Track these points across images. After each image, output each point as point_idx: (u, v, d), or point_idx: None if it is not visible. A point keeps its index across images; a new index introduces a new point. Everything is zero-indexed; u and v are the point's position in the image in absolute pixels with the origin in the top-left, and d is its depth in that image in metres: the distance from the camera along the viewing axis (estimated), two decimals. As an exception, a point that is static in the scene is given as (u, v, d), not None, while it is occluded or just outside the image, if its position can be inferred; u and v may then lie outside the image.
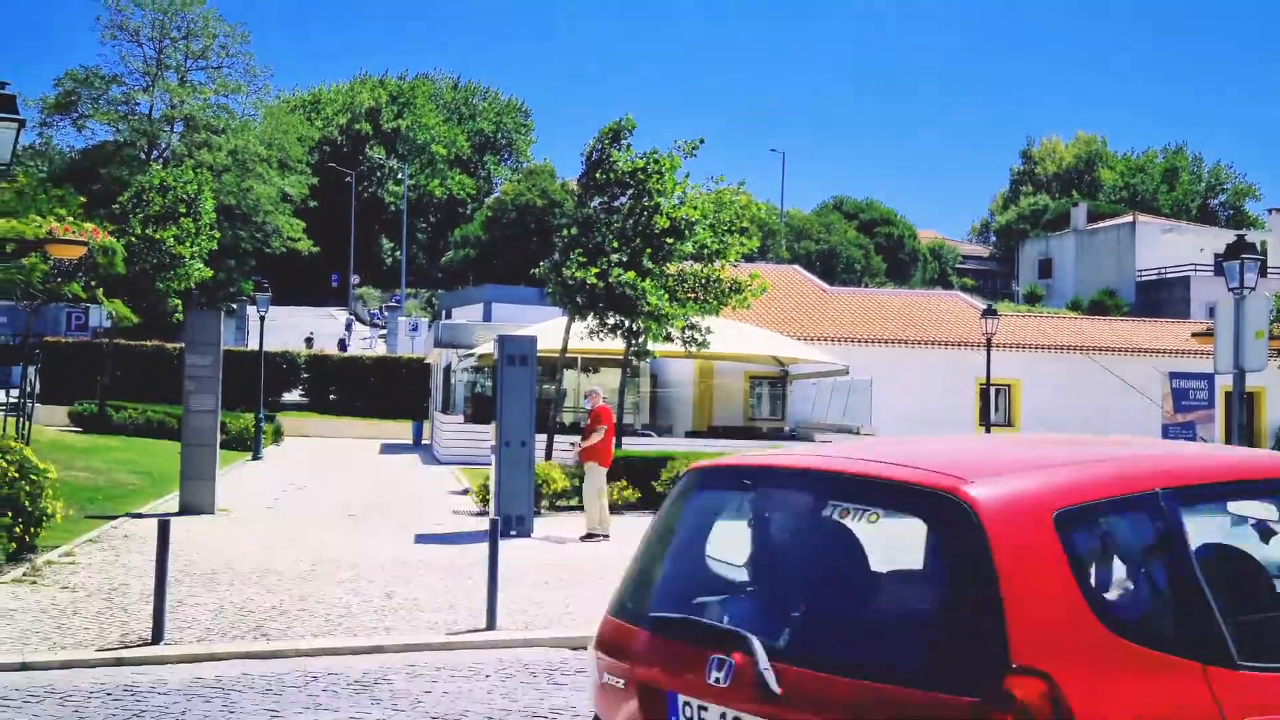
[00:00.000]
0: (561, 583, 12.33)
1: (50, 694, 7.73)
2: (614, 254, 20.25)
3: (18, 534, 12.26)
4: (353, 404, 42.98)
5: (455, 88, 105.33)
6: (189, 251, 28.01)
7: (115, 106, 60.92)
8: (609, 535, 16.06)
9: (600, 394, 17.35)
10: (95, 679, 8.15)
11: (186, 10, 61.35)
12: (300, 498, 20.56)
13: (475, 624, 10.05)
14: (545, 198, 72.42)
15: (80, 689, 7.87)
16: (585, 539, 15.87)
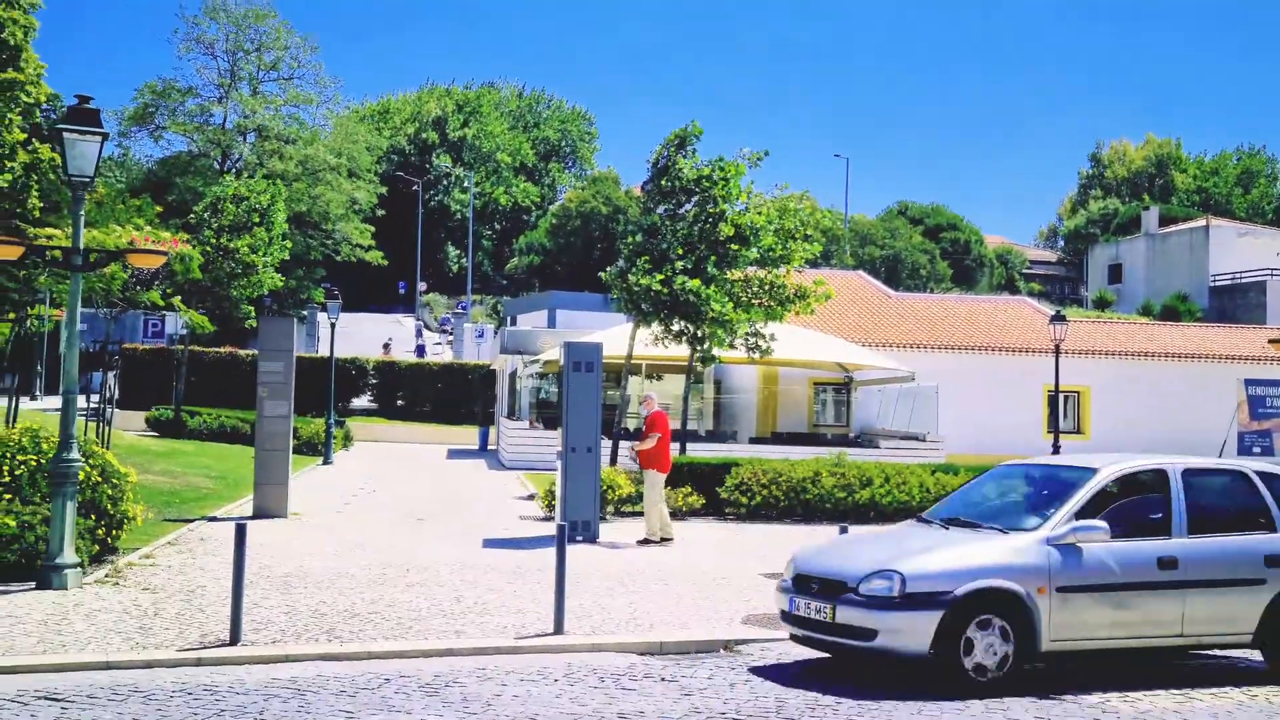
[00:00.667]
0: (625, 588, 12.42)
1: (134, 692, 7.97)
2: (679, 261, 20.32)
3: (100, 536, 12.63)
4: (420, 409, 43.47)
5: (520, 96, 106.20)
6: (262, 260, 28.56)
7: (191, 118, 62.31)
8: (671, 539, 16.16)
9: (655, 400, 17.46)
10: (176, 678, 8.39)
11: (259, 23, 62.60)
12: (370, 502, 20.87)
13: (543, 628, 10.17)
14: (609, 205, 72.71)
15: (162, 688, 8.10)
16: (641, 544, 15.97)
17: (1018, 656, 8.59)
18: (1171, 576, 9.02)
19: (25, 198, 36.47)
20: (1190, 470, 9.74)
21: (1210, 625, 9.18)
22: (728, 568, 14.08)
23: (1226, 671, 9.88)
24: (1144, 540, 9.19)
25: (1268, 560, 9.36)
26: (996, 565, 8.68)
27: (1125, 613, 8.92)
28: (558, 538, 10.60)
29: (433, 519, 18.45)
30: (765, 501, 19.25)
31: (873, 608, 8.53)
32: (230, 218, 28.39)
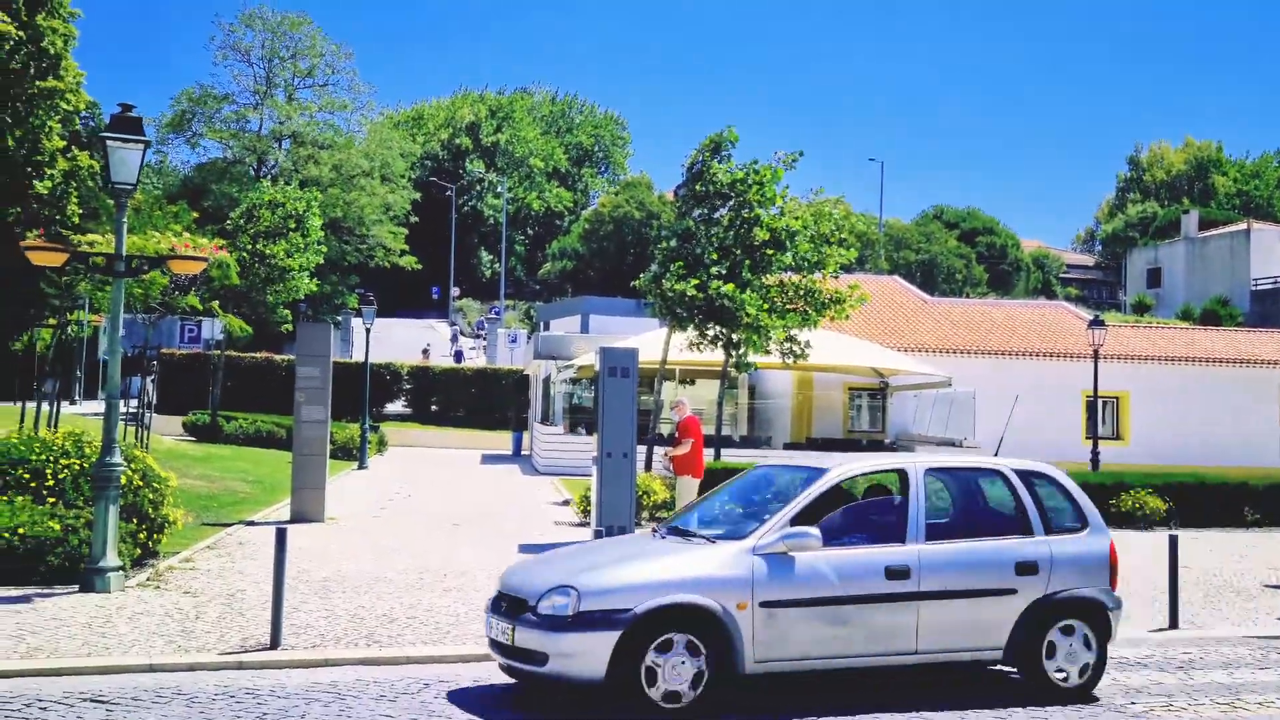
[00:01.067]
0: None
1: (177, 695, 8.02)
2: (714, 266, 20.29)
3: (141, 540, 12.73)
4: (454, 414, 43.63)
5: (553, 101, 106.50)
6: (297, 265, 28.78)
7: (227, 124, 62.93)
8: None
9: (687, 405, 17.42)
10: (218, 681, 8.44)
11: (294, 30, 63.16)
12: (405, 507, 20.94)
13: (580, 634, 10.14)
14: (642, 210, 72.76)
15: (205, 691, 8.15)
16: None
17: (715, 680, 7.69)
18: (903, 588, 8.18)
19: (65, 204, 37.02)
20: (936, 470, 9.04)
21: (952, 640, 8.34)
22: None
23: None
24: (873, 548, 8.36)
25: (1019, 568, 8.53)
26: (689, 579, 7.80)
27: (845, 629, 8.05)
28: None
29: (468, 524, 18.49)
30: (801, 507, 19.11)
31: (546, 628, 7.66)
32: (266, 224, 28.63)
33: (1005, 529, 8.85)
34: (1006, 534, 8.78)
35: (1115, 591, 8.93)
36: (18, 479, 12.51)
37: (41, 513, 11.86)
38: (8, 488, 12.42)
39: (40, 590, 11.23)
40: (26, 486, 12.48)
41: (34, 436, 13.37)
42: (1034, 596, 8.54)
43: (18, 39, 33.53)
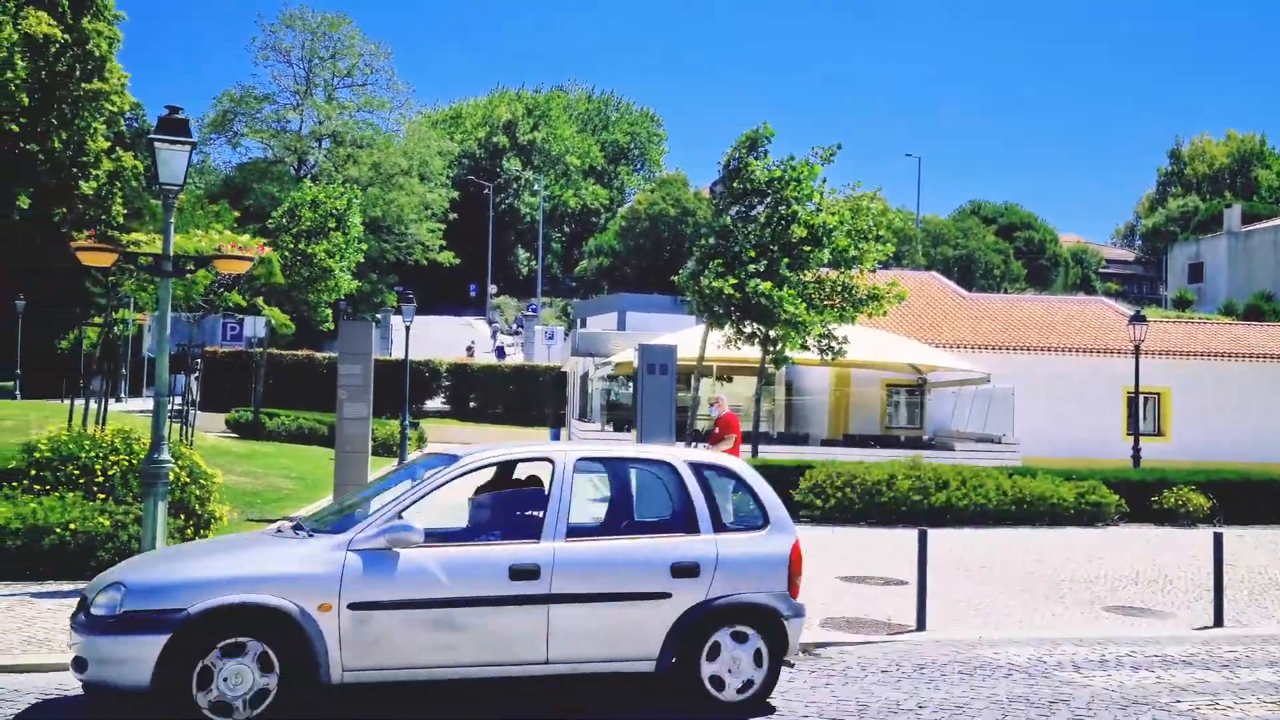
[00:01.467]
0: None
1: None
2: (751, 264, 20.31)
3: (189, 536, 12.92)
4: (492, 411, 43.88)
5: (589, 99, 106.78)
6: (338, 264, 29.07)
7: (268, 124, 63.59)
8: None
9: (725, 401, 17.50)
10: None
11: (334, 30, 63.72)
12: (444, 502, 21.04)
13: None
14: (678, 206, 72.83)
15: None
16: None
17: (288, 691, 6.87)
18: (530, 589, 7.35)
19: (110, 204, 37.57)
20: (592, 460, 8.27)
21: (592, 649, 7.49)
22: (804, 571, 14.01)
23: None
24: (499, 545, 7.62)
25: (676, 569, 7.67)
26: (263, 576, 6.95)
27: (457, 635, 7.21)
28: (636, 540, 10.61)
29: (508, 520, 18.57)
30: (840, 504, 19.16)
31: (88, 630, 6.82)
32: (307, 223, 28.93)
33: (668, 526, 8.07)
34: (669, 532, 7.96)
35: (797, 598, 8.12)
36: (69, 475, 12.76)
37: (92, 509, 12.07)
38: (59, 484, 12.66)
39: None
40: (77, 483, 12.73)
41: (84, 434, 13.60)
42: (692, 601, 7.68)
43: (63, 42, 34.07)
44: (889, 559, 15.14)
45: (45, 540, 11.54)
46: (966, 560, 15.33)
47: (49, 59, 33.98)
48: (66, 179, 35.66)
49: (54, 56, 34.04)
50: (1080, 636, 10.77)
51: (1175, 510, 20.45)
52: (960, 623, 11.16)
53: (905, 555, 15.15)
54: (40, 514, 11.71)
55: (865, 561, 14.95)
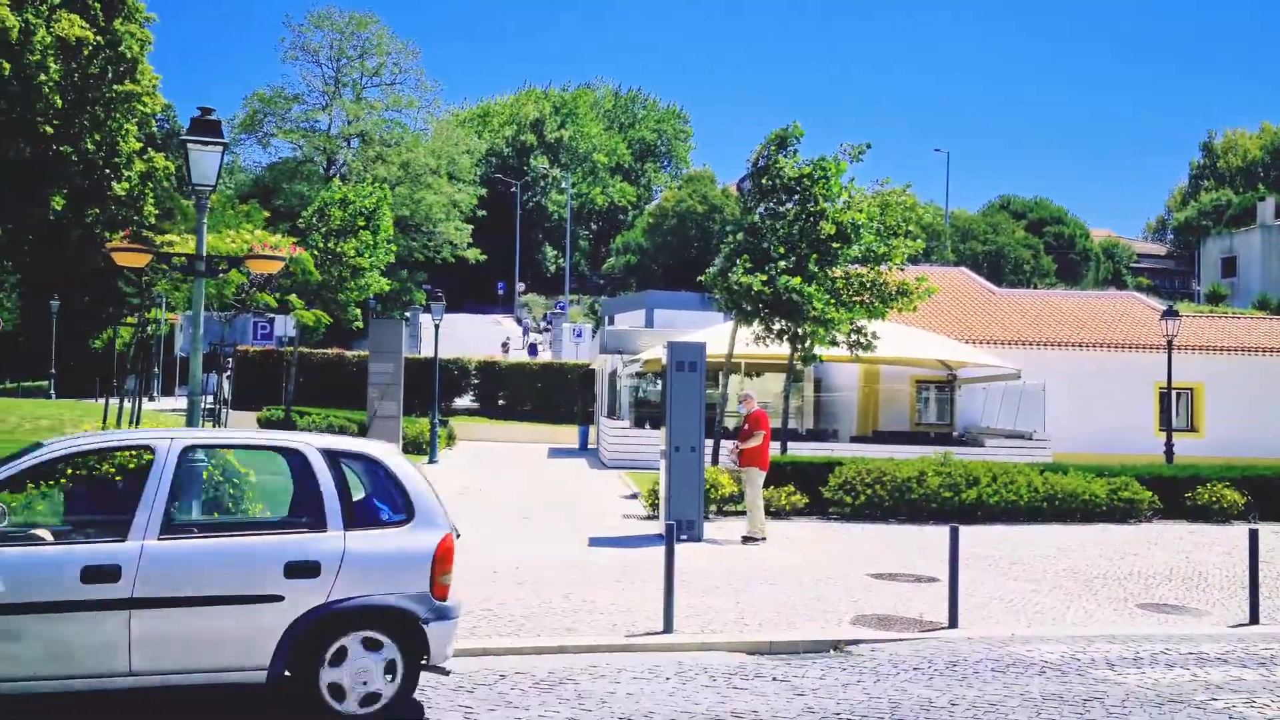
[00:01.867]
0: (732, 587, 12.45)
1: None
2: (780, 260, 20.28)
3: (222, 533, 13.04)
4: (521, 409, 44.02)
5: (616, 96, 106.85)
6: (368, 263, 29.22)
7: (297, 124, 64.02)
8: (765, 538, 16.22)
9: (754, 398, 17.50)
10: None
11: (362, 30, 64.07)
12: (476, 500, 21.19)
13: (653, 627, 10.25)
14: (706, 203, 72.76)
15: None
16: (745, 542, 16.08)
17: None
18: (108, 593, 6.61)
19: (141, 204, 37.92)
20: (204, 448, 7.52)
21: (186, 659, 6.77)
22: (833, 567, 14.02)
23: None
24: (74, 545, 6.89)
25: (291, 569, 6.95)
26: None
27: (17, 644, 6.49)
28: (665, 537, 10.65)
29: (538, 517, 18.68)
30: (870, 501, 19.12)
31: None
32: (337, 222, 29.10)
33: (290, 522, 7.46)
34: (292, 527, 7.30)
35: (445, 599, 7.47)
36: (105, 475, 12.87)
37: (127, 507, 12.18)
38: (95, 483, 12.79)
39: (128, 582, 11.55)
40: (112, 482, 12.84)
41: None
42: (309, 605, 6.97)
43: (96, 44, 34.38)
44: (919, 556, 15.10)
45: (82, 538, 11.64)
46: (998, 557, 15.26)
47: (81, 61, 34.31)
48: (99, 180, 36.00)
49: (86, 59, 34.36)
50: (1114, 634, 10.70)
51: (1209, 507, 20.28)
52: (993, 620, 11.12)
53: (936, 552, 15.12)
54: (77, 512, 11.82)
55: (895, 558, 14.92)
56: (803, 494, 19.46)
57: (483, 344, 57.62)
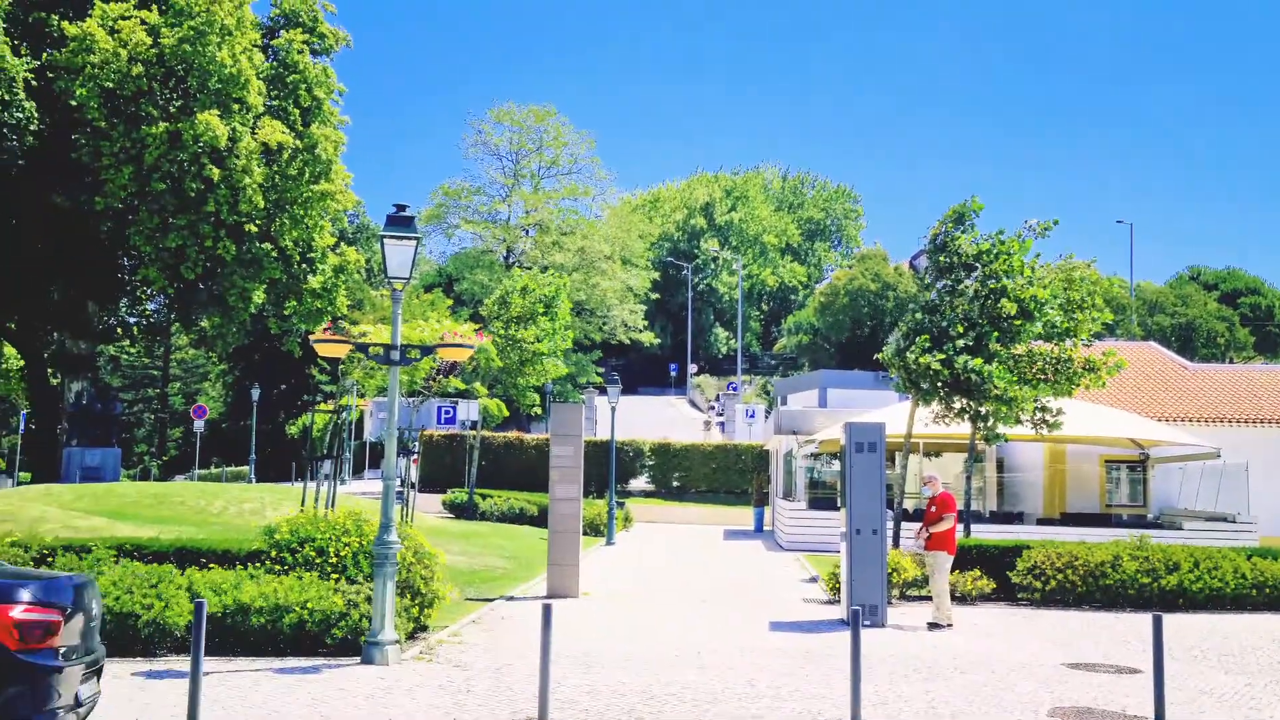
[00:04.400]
0: (920, 675, 12.13)
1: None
2: (959, 339, 19.94)
3: (414, 614, 13.46)
4: (695, 490, 44.11)
5: (784, 179, 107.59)
6: (547, 349, 29.98)
7: (479, 216, 66.64)
8: (951, 624, 15.76)
9: (939, 480, 17.14)
10: (493, 752, 8.79)
11: (540, 123, 66.50)
12: (655, 583, 21.26)
13: (839, 715, 10.07)
14: (878, 281, 72.08)
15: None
16: (931, 628, 15.67)
17: None
18: None
19: (334, 296, 39.81)
20: None
21: None
22: (1025, 655, 13.51)
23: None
24: None
25: None
26: None
27: None
28: (850, 623, 10.48)
29: (716, 600, 18.61)
30: (1060, 586, 18.38)
31: None
32: (518, 310, 30.00)
33: None
34: None
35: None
36: (306, 557, 13.50)
37: (326, 588, 12.72)
38: (297, 565, 13.41)
39: (327, 661, 12.03)
40: (312, 563, 13.45)
41: (318, 516, 14.37)
42: None
43: (295, 148, 36.56)
44: (1117, 645, 14.42)
45: (285, 619, 12.21)
46: (1205, 648, 14.44)
47: (281, 164, 36.51)
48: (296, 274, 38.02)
49: (286, 161, 36.55)
50: (1339, 733, 9.99)
51: None
52: (1204, 716, 10.52)
53: (1134, 641, 14.43)
54: (281, 593, 12.41)
55: (1091, 647, 14.27)
56: (989, 579, 18.85)
57: (658, 426, 58.00)
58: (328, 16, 41.46)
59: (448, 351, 13.68)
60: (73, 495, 25.36)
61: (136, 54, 33.90)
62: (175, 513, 23.50)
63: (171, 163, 33.67)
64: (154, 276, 35.83)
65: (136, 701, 10.08)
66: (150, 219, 34.27)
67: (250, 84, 35.30)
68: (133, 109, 34.25)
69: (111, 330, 46.45)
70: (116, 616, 12.00)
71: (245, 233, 35.52)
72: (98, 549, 13.40)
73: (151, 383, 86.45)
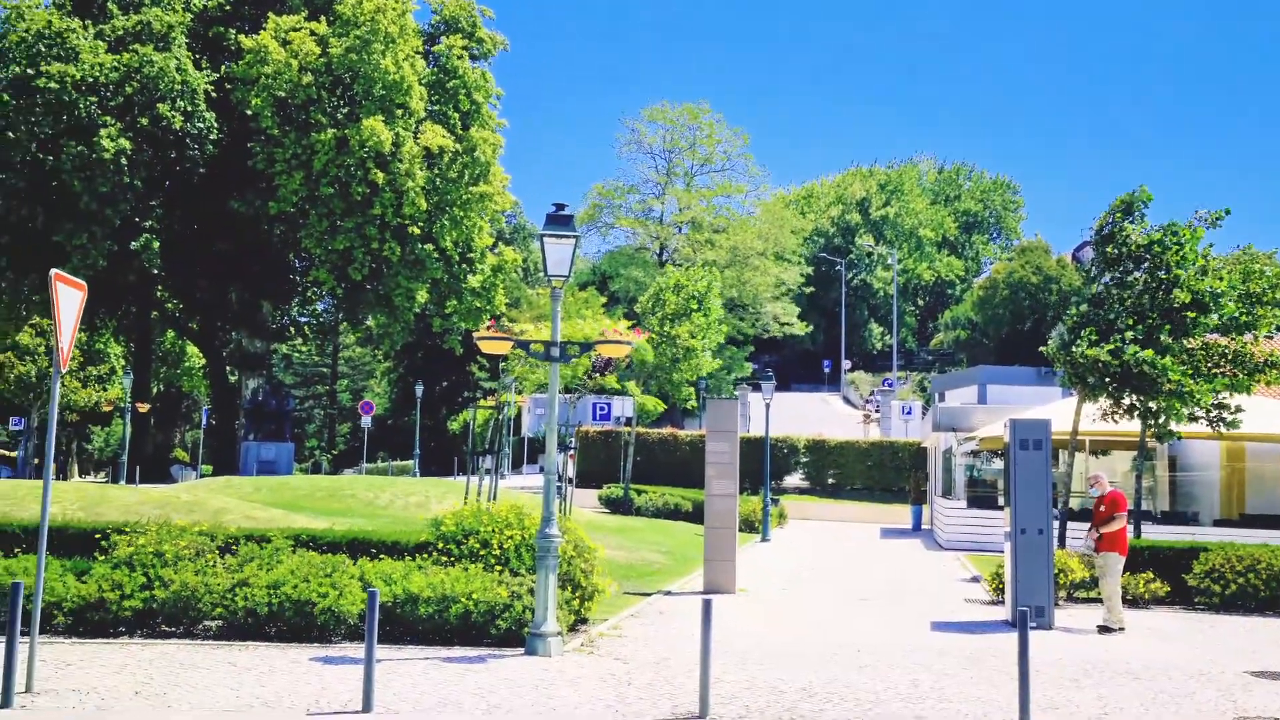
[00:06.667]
0: (1091, 680, 11.76)
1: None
2: (1128, 331, 19.24)
3: (575, 607, 13.70)
4: (850, 487, 43.64)
5: (939, 171, 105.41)
6: (700, 345, 30.09)
7: (633, 214, 67.29)
8: (1123, 628, 15.22)
9: (1105, 479, 16.57)
10: (655, 744, 8.90)
11: (693, 121, 66.72)
12: (811, 580, 21.13)
13: (1007, 718, 9.85)
14: (1039, 274, 70.03)
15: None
16: (1101, 631, 15.18)
17: None
18: None
19: (493, 295, 40.78)
20: None
21: None
22: (1204, 662, 12.96)
23: None
24: None
25: None
26: None
27: None
28: (1017, 624, 10.25)
29: (875, 598, 18.39)
30: (1242, 591, 17.54)
31: None
32: (672, 306, 30.19)
33: None
34: None
35: None
36: (470, 549, 13.88)
37: (491, 580, 13.05)
38: (462, 556, 13.81)
39: (491, 652, 12.34)
40: (477, 555, 13.82)
41: (482, 509, 14.74)
42: None
43: (455, 151, 37.59)
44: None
45: (452, 610, 12.57)
46: (1402, 659, 13.61)
47: (442, 167, 37.59)
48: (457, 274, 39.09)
49: (446, 165, 37.62)
50: None
51: None
52: (1401, 730, 9.93)
53: (1326, 651, 13.70)
54: (448, 584, 12.78)
55: (1277, 655, 13.60)
56: (1162, 581, 18.13)
57: (810, 423, 57.50)
58: (485, 21, 42.52)
59: (606, 348, 13.88)
60: (251, 487, 26.61)
61: (306, 64, 35.35)
62: (345, 505, 24.43)
63: (339, 168, 35.02)
64: (323, 277, 37.34)
65: (314, 685, 10.53)
66: (319, 222, 35.72)
67: (412, 90, 36.44)
68: (303, 117, 35.74)
69: (284, 329, 48.61)
70: (295, 604, 12.56)
71: (408, 234, 36.67)
72: (277, 539, 14.02)
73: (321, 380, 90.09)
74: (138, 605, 12.69)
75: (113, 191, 33.74)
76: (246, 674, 10.94)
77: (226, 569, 13.23)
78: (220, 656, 11.76)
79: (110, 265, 34.90)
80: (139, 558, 13.15)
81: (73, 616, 12.64)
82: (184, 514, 18.49)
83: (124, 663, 11.32)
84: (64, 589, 12.68)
